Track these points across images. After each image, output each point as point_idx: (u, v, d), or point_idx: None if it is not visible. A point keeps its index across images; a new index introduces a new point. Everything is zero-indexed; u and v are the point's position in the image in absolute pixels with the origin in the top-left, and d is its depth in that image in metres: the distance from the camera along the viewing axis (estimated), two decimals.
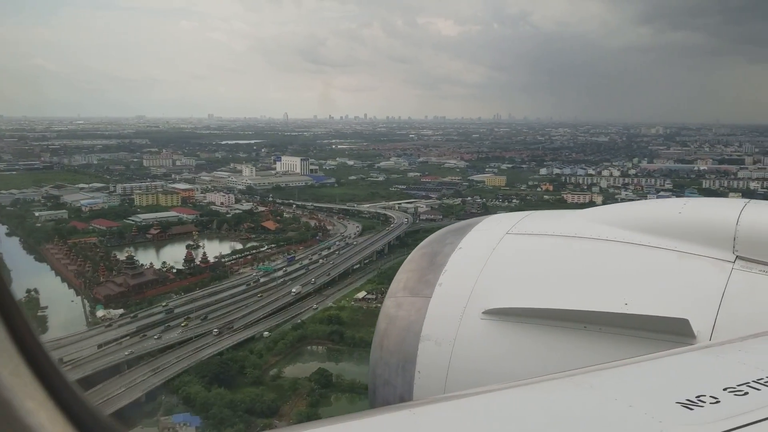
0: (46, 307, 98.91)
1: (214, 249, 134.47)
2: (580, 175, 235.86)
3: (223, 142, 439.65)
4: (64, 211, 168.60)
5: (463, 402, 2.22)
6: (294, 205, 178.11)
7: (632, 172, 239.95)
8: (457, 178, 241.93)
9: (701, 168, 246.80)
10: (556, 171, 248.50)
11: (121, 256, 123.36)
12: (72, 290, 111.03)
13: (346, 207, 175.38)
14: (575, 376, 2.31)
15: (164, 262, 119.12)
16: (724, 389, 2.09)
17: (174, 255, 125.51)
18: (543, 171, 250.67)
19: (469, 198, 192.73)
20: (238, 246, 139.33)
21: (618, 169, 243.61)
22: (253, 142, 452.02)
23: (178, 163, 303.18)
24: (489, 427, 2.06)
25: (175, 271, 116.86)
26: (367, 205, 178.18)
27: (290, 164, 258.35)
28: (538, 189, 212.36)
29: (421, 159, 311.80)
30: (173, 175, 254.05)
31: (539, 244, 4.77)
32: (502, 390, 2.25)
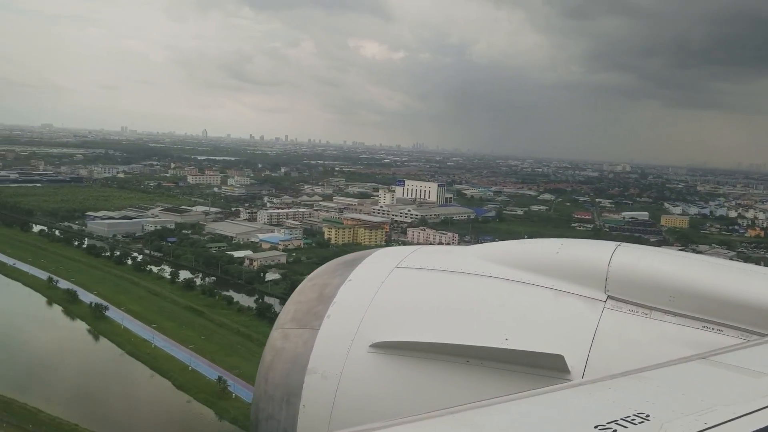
0: None
1: None
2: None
3: (218, 158, 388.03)
4: (279, 252, 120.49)
5: None
6: None
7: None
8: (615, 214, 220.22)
9: None
10: (693, 212, 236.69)
11: None
12: None
13: None
14: (457, 414, 2.31)
15: None
16: (596, 427, 2.15)
17: None
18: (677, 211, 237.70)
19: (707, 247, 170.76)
20: None
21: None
22: (233, 159, 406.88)
23: (230, 181, 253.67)
24: None
25: None
26: None
27: (419, 190, 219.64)
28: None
29: (494, 188, 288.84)
30: (264, 198, 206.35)
31: (426, 278, 4.77)
32: (385, 428, 2.20)
